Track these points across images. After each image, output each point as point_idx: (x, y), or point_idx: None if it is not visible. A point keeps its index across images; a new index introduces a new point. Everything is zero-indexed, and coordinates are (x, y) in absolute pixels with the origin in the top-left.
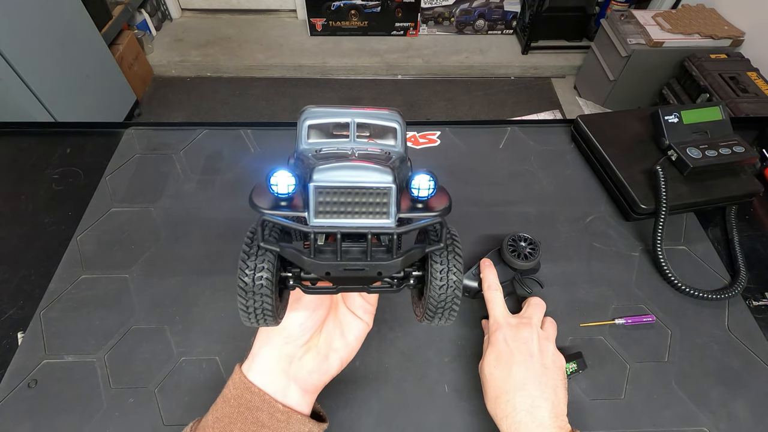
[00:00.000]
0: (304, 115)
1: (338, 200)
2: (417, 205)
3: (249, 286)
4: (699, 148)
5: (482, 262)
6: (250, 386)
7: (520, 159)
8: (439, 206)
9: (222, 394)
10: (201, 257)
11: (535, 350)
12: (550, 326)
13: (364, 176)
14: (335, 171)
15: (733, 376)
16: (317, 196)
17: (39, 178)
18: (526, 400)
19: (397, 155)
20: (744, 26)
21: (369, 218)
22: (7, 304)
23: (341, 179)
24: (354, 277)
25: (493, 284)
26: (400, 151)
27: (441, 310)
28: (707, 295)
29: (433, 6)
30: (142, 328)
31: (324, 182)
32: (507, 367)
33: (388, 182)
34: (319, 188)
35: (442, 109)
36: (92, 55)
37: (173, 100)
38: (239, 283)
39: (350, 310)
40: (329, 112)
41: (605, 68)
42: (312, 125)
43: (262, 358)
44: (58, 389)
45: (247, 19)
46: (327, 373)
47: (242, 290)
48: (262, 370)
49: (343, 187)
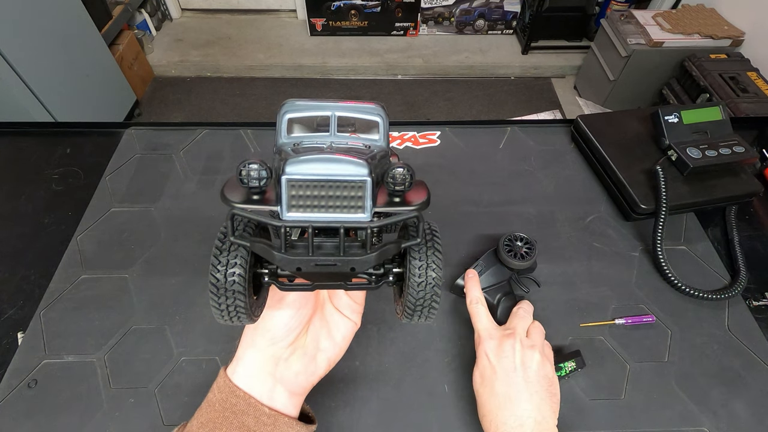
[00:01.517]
0: (284, 108)
1: (312, 194)
2: (394, 199)
3: (221, 283)
4: (699, 148)
5: (466, 273)
6: (235, 390)
7: (520, 159)
8: (416, 200)
9: (207, 398)
10: (201, 257)
11: (518, 363)
12: (536, 333)
13: (338, 169)
14: (308, 164)
15: (733, 376)
16: (290, 189)
17: (39, 178)
18: (509, 419)
19: (379, 149)
20: (744, 26)
21: (343, 212)
22: (7, 304)
23: (314, 172)
24: (327, 273)
25: (475, 297)
26: (382, 145)
27: (420, 307)
28: (707, 295)
29: (433, 6)
30: (142, 328)
31: (297, 175)
32: (490, 384)
33: (363, 175)
34: (291, 181)
35: (442, 109)
36: (92, 55)
37: (173, 100)
38: (210, 280)
39: (337, 309)
40: (310, 105)
41: (605, 68)
42: (292, 119)
43: (247, 361)
44: (58, 389)
45: (247, 19)
46: (314, 374)
47: (214, 287)
48: (248, 373)
49: (317, 180)
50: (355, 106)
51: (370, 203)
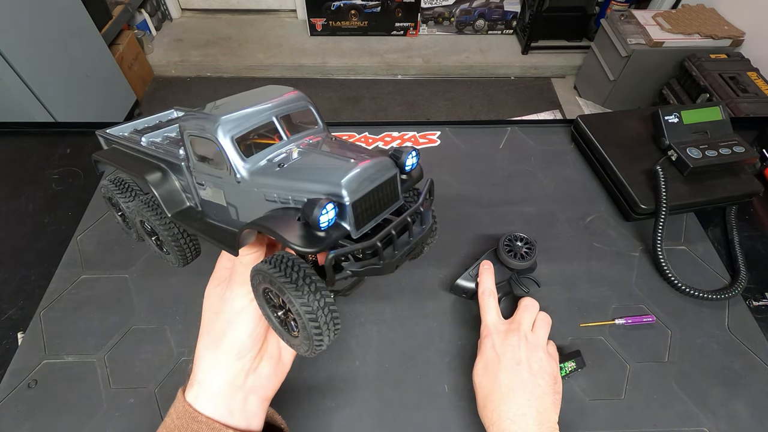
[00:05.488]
0: (218, 127)
1: (368, 205)
2: (401, 176)
3: (312, 301)
4: (699, 148)
5: (482, 265)
6: (195, 415)
7: (520, 159)
8: (418, 174)
9: (164, 423)
10: (201, 257)
11: (522, 357)
12: (542, 328)
13: (382, 172)
14: (361, 182)
15: (733, 376)
16: (354, 210)
17: (39, 178)
18: (512, 408)
19: (326, 134)
20: (744, 26)
21: (387, 207)
22: (7, 304)
23: (368, 185)
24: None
25: (488, 289)
26: (323, 129)
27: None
28: (707, 295)
29: (433, 6)
30: (142, 328)
31: (356, 194)
32: (493, 374)
33: (395, 168)
34: (355, 204)
35: (442, 109)
36: (92, 55)
37: (173, 100)
38: (302, 306)
39: None
40: (240, 116)
41: (605, 68)
42: (238, 138)
43: (211, 384)
44: (58, 389)
45: (247, 19)
46: (283, 373)
47: (308, 306)
48: (213, 395)
49: (371, 191)
50: (279, 101)
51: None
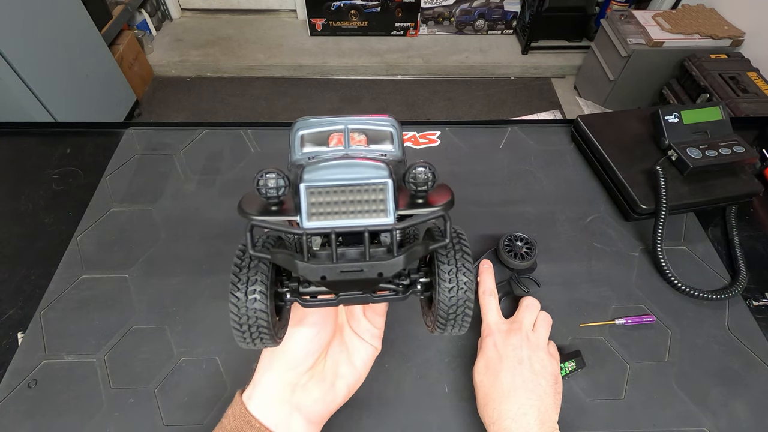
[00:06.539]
0: (297, 126)
1: (332, 200)
2: (417, 200)
3: (242, 302)
4: (699, 148)
5: (482, 264)
6: (250, 420)
7: (520, 159)
8: (440, 201)
9: (221, 424)
10: (201, 257)
11: (524, 356)
12: (543, 327)
13: (357, 172)
14: (326, 170)
15: (733, 376)
16: (309, 196)
17: (39, 178)
18: (513, 407)
19: (394, 157)
20: (744, 26)
21: (366, 217)
22: (7, 304)
23: (333, 177)
24: (354, 280)
25: (488, 289)
26: (397, 154)
27: (453, 315)
28: (707, 295)
29: (433, 6)
30: (142, 328)
31: (315, 182)
32: (494, 373)
33: (384, 177)
34: (310, 188)
35: (442, 109)
36: (92, 55)
37: (173, 100)
38: (231, 299)
39: (356, 333)
40: (322, 121)
41: (605, 68)
42: (305, 135)
43: (264, 387)
44: (58, 389)
45: (247, 19)
46: (333, 402)
47: (235, 306)
48: (264, 399)
49: (336, 186)
50: (367, 119)
51: (393, 206)
